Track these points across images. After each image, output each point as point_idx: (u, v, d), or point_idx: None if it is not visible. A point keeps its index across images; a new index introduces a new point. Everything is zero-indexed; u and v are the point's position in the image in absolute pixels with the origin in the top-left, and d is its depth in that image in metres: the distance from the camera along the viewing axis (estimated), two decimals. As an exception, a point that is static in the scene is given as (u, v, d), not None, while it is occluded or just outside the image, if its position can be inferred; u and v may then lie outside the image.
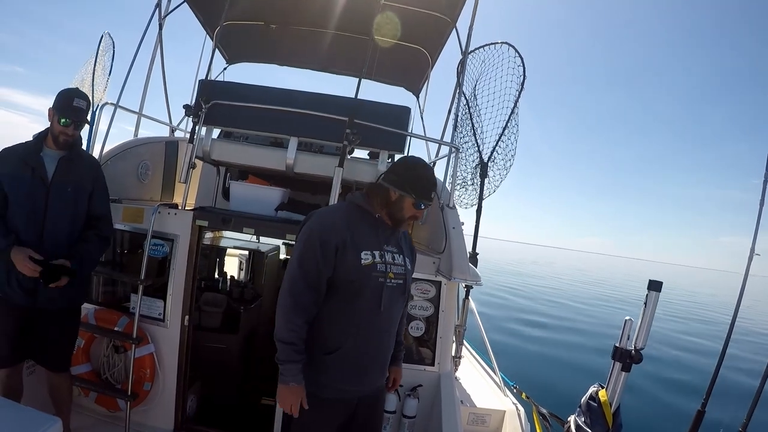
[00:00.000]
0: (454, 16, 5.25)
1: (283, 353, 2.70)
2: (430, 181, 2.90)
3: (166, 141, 5.42)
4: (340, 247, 2.74)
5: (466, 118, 4.73)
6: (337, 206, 2.98)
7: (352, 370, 2.85)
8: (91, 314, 4.16)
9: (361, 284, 2.78)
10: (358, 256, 2.77)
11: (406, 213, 2.88)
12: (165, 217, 4.15)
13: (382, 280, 2.82)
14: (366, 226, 2.88)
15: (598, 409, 3.09)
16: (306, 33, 6.31)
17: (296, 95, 4.24)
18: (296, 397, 2.70)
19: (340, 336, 2.81)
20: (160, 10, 5.20)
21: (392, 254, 2.93)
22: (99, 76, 5.14)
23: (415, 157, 3.08)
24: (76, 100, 3.46)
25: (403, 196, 2.85)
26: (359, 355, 2.85)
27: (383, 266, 2.84)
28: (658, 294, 3.02)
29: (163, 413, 4.24)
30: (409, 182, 2.85)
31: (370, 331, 2.86)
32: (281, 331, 2.71)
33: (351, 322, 2.81)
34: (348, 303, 2.81)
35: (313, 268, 2.72)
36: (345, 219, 2.84)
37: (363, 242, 2.81)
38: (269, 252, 6.40)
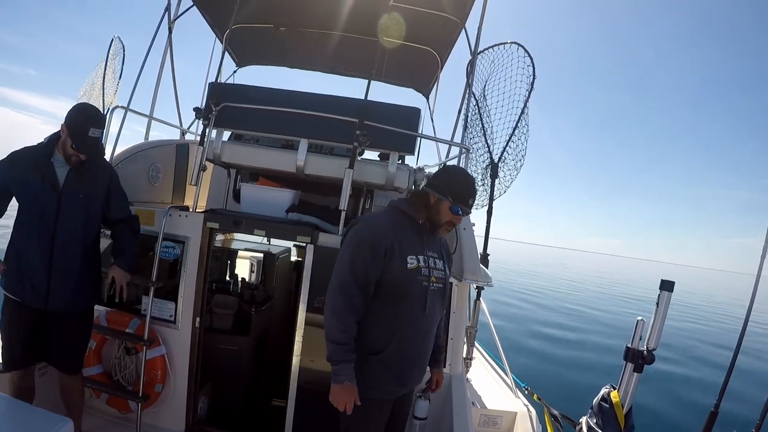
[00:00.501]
0: (463, 16, 5.24)
1: (336, 353, 2.79)
2: (468, 188, 2.98)
3: (176, 144, 5.43)
4: (389, 252, 2.82)
5: (476, 119, 4.72)
6: (383, 212, 3.05)
7: (395, 371, 2.94)
8: (102, 316, 4.17)
9: (406, 287, 2.87)
10: (405, 261, 2.86)
11: (443, 217, 2.95)
12: (176, 220, 4.16)
13: (425, 283, 2.91)
14: (410, 232, 2.96)
15: (610, 410, 3.07)
16: (315, 35, 6.32)
17: (306, 97, 4.24)
18: (350, 396, 2.78)
19: (384, 338, 2.89)
20: (169, 14, 5.23)
21: (434, 259, 3.02)
22: (109, 80, 5.16)
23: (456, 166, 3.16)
24: (92, 131, 3.38)
25: (441, 200, 2.94)
26: (403, 357, 2.94)
27: (427, 270, 2.93)
28: (671, 294, 3.00)
29: (174, 415, 4.25)
30: (447, 186, 2.94)
31: (413, 333, 2.94)
32: (334, 332, 2.79)
33: (395, 325, 2.89)
34: (393, 305, 2.89)
35: (363, 270, 2.80)
36: (391, 224, 2.92)
37: (408, 247, 2.90)
38: (280, 254, 6.39)
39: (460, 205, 2.92)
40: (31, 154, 3.45)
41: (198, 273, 4.16)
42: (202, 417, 4.56)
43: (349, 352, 2.79)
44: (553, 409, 4.21)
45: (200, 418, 4.48)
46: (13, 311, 3.51)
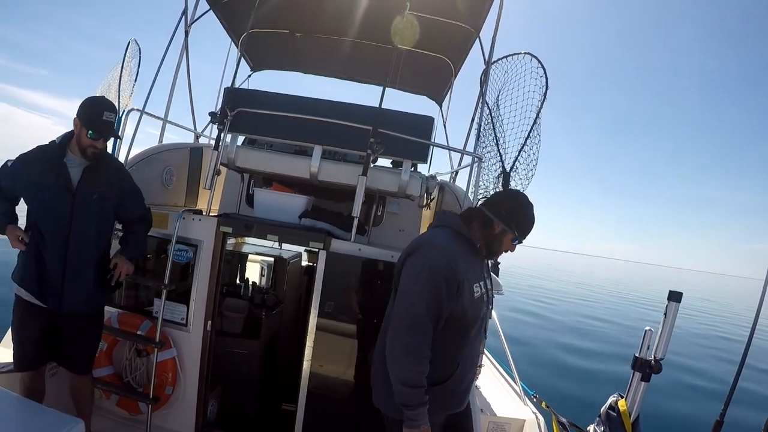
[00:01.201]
0: (477, 26, 5.27)
1: (413, 398, 2.63)
2: (533, 222, 2.96)
3: (190, 147, 5.47)
4: (461, 286, 2.72)
5: (489, 128, 4.71)
6: (445, 236, 2.87)
7: (452, 398, 2.92)
8: (114, 318, 4.21)
9: (473, 317, 2.82)
10: (472, 291, 2.80)
11: (505, 247, 2.95)
12: (189, 223, 4.19)
13: (485, 309, 2.92)
14: (472, 257, 2.90)
15: (618, 419, 3.08)
16: (330, 41, 6.35)
17: (320, 104, 4.26)
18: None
19: (448, 368, 2.83)
20: (186, 18, 5.28)
21: (487, 281, 3.01)
22: (125, 82, 5.20)
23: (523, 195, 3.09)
24: (106, 114, 3.37)
25: (506, 232, 2.89)
26: (461, 383, 2.91)
27: (486, 295, 2.93)
28: (678, 305, 3.02)
29: (184, 417, 4.27)
30: (516, 220, 2.89)
31: (471, 359, 2.95)
32: (409, 375, 2.63)
33: (458, 354, 2.85)
34: (458, 338, 2.83)
35: (437, 306, 2.67)
36: (458, 251, 2.81)
37: (473, 275, 2.84)
38: (291, 259, 6.42)
39: (522, 238, 2.94)
40: (43, 154, 3.43)
41: (210, 276, 4.19)
42: (212, 420, 4.58)
43: (425, 394, 2.64)
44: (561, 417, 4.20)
45: (210, 421, 4.50)
46: (25, 312, 3.53)
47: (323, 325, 4.01)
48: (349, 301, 4.09)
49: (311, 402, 4.05)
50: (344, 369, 4.18)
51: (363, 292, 4.10)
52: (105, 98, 3.63)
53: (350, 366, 4.15)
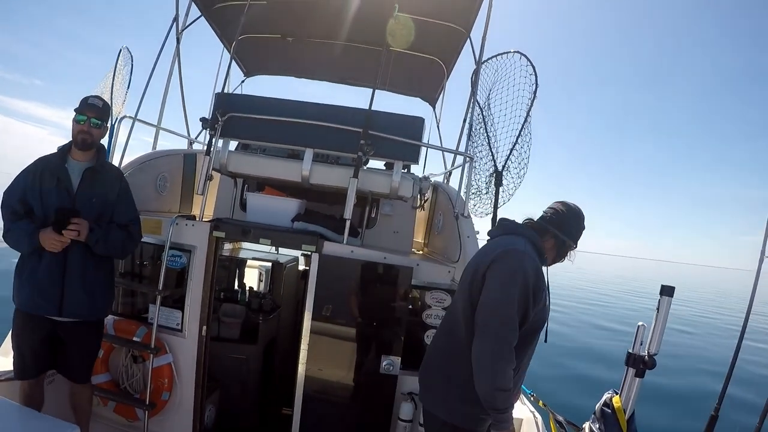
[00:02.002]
0: (468, 26, 5.28)
1: (504, 401, 2.61)
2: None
3: (184, 153, 5.48)
4: (542, 291, 2.76)
5: (481, 128, 4.73)
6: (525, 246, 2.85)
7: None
8: (110, 324, 4.21)
9: (542, 325, 2.86)
10: (546, 299, 2.83)
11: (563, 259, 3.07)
12: (183, 229, 4.20)
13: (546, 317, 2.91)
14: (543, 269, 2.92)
15: (612, 415, 3.07)
16: (322, 45, 6.37)
17: (311, 107, 4.27)
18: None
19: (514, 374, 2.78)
20: (177, 24, 5.29)
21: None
22: (118, 90, 5.22)
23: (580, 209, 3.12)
24: (91, 99, 3.54)
25: (570, 245, 3.02)
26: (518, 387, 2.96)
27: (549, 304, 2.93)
28: (671, 299, 3.01)
29: (181, 423, 4.27)
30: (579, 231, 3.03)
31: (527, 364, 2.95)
32: (501, 379, 2.58)
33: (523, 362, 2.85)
34: (527, 344, 2.83)
35: (523, 311, 2.67)
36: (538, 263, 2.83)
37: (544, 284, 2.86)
38: (288, 263, 6.42)
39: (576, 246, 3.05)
40: (46, 162, 3.52)
41: (204, 282, 4.19)
42: (209, 425, 4.59)
43: (510, 398, 2.64)
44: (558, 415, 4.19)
45: (207, 427, 4.51)
46: (25, 321, 3.54)
47: (320, 329, 4.02)
48: (344, 303, 4.09)
49: (309, 406, 4.05)
50: (342, 372, 4.17)
51: (357, 294, 4.10)
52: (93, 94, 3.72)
53: (348, 369, 4.15)
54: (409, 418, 3.92)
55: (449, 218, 4.51)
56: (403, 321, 3.99)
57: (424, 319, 4.08)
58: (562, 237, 2.92)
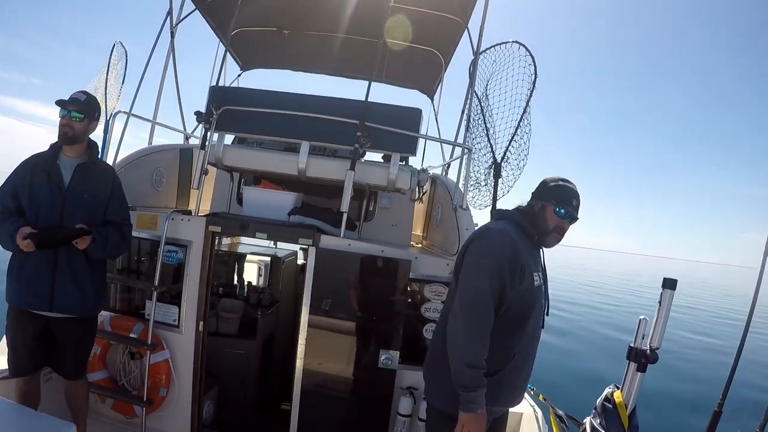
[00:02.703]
0: (465, 17, 5.22)
1: (473, 380, 2.61)
2: (572, 189, 2.89)
3: (180, 148, 5.45)
4: (522, 268, 2.72)
5: (479, 119, 4.68)
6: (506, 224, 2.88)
7: (507, 391, 2.86)
8: (106, 321, 4.20)
9: (531, 306, 2.80)
10: (532, 277, 2.78)
11: (550, 223, 2.86)
12: (178, 224, 4.17)
13: (542, 301, 2.89)
14: (530, 248, 2.88)
15: (614, 410, 3.04)
16: (319, 38, 6.32)
17: (307, 99, 4.23)
18: (482, 426, 2.63)
19: (502, 359, 2.78)
20: (171, 18, 5.23)
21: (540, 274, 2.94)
22: (112, 85, 5.18)
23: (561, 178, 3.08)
24: (75, 93, 3.54)
25: (545, 206, 2.87)
26: (517, 376, 2.86)
27: (542, 287, 2.90)
28: (673, 292, 2.97)
29: (179, 419, 4.26)
30: (548, 191, 2.89)
31: (528, 352, 2.88)
32: (471, 356, 2.61)
33: (515, 345, 2.80)
34: (517, 325, 2.79)
35: (499, 286, 2.66)
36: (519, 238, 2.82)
37: (533, 264, 2.83)
38: (286, 257, 6.39)
39: (564, 205, 2.84)
40: (37, 158, 3.53)
41: (201, 277, 4.16)
42: (208, 421, 4.57)
43: (483, 377, 2.62)
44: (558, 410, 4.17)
45: (205, 423, 4.49)
46: (18, 318, 3.53)
47: (318, 323, 3.99)
48: (342, 297, 4.06)
49: (307, 400, 4.02)
50: (341, 367, 4.15)
51: (355, 288, 4.07)
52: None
53: (346, 363, 4.12)
54: (408, 413, 3.90)
55: (448, 211, 4.48)
56: (401, 315, 3.97)
57: (422, 312, 4.05)
58: (540, 202, 2.89)
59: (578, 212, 2.89)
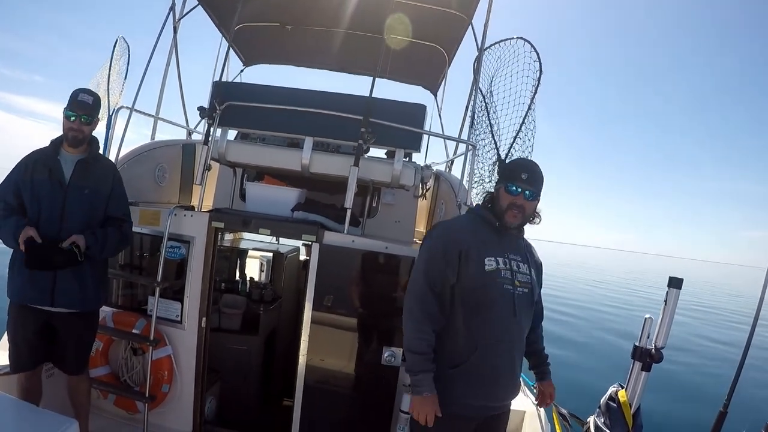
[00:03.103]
0: (469, 12, 5.20)
1: (415, 364, 2.73)
2: (517, 164, 2.92)
3: (182, 143, 5.44)
4: (463, 254, 2.74)
5: (483, 116, 4.66)
6: (461, 216, 3.05)
7: (478, 384, 2.81)
8: (109, 317, 4.19)
9: (487, 292, 2.76)
10: (482, 263, 2.75)
11: (503, 202, 2.83)
12: (181, 220, 4.15)
13: (509, 287, 2.78)
14: (489, 233, 2.87)
15: (618, 409, 3.04)
16: (322, 33, 6.29)
17: (311, 95, 4.22)
18: (431, 408, 2.69)
19: (466, 348, 2.78)
20: (174, 13, 5.22)
21: (517, 262, 2.88)
22: (114, 81, 5.15)
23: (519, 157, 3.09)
24: (81, 95, 3.51)
25: (499, 188, 2.88)
26: (487, 367, 2.80)
27: (509, 273, 2.80)
28: (679, 291, 2.96)
29: (182, 415, 4.25)
30: (501, 173, 2.97)
31: (497, 342, 2.80)
32: (412, 342, 2.74)
33: (478, 334, 2.77)
34: (476, 313, 2.78)
35: (437, 275, 2.76)
36: (467, 227, 2.88)
37: (486, 249, 2.80)
38: (288, 253, 6.39)
39: (512, 181, 2.81)
40: (39, 154, 3.54)
41: (204, 273, 4.15)
42: (210, 417, 4.56)
43: (428, 362, 2.72)
44: (561, 408, 4.16)
45: (208, 419, 4.48)
46: (19, 313, 3.53)
47: (321, 319, 3.98)
48: (345, 293, 4.05)
49: (310, 396, 4.02)
50: (343, 363, 4.14)
51: (359, 284, 4.06)
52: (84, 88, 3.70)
53: (349, 360, 4.11)
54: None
55: (451, 207, 4.46)
56: None
57: None
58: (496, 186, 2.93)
59: (535, 184, 2.83)
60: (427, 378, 2.70)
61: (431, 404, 2.68)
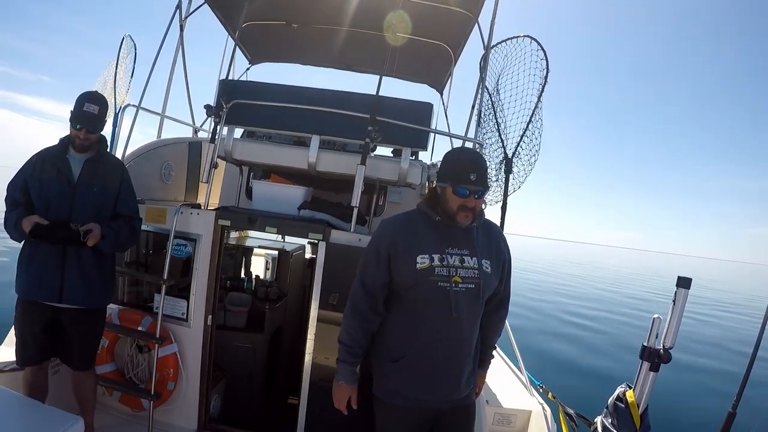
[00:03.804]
0: (476, 10, 5.18)
1: (340, 353, 2.87)
2: (463, 162, 2.71)
3: (189, 141, 5.44)
4: (392, 253, 2.73)
5: (490, 114, 4.66)
6: (403, 213, 2.96)
7: (418, 378, 2.79)
8: (115, 314, 4.19)
9: (420, 289, 2.70)
10: (413, 261, 2.69)
11: (452, 204, 2.68)
12: (187, 217, 4.16)
13: (443, 284, 2.68)
14: (426, 230, 2.78)
15: (626, 410, 3.02)
16: (328, 31, 6.28)
17: (317, 93, 4.22)
18: (343, 395, 2.87)
19: (404, 343, 2.78)
20: (180, 12, 5.22)
21: (459, 257, 2.74)
22: (121, 79, 5.18)
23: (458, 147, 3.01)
24: (87, 105, 3.47)
25: (444, 188, 2.71)
26: (425, 363, 2.77)
27: (444, 270, 2.70)
28: (688, 291, 2.94)
29: (187, 413, 4.25)
30: (444, 170, 2.75)
31: (435, 339, 2.74)
32: (340, 334, 2.86)
33: (415, 329, 2.76)
34: (411, 310, 2.77)
35: (368, 275, 2.79)
36: (403, 225, 2.83)
37: (420, 246, 2.72)
38: (294, 251, 6.39)
39: (460, 185, 2.63)
40: (47, 153, 3.56)
41: (210, 271, 4.15)
42: (215, 415, 4.56)
43: (347, 354, 2.83)
44: (568, 408, 4.15)
45: (213, 416, 4.48)
46: (26, 308, 3.55)
47: (327, 317, 3.97)
48: None
49: (315, 395, 4.01)
50: None
51: None
52: (92, 91, 3.68)
53: None
54: None
55: None
56: None
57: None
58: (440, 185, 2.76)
59: (483, 182, 2.67)
60: (344, 368, 2.85)
61: (344, 393, 2.87)
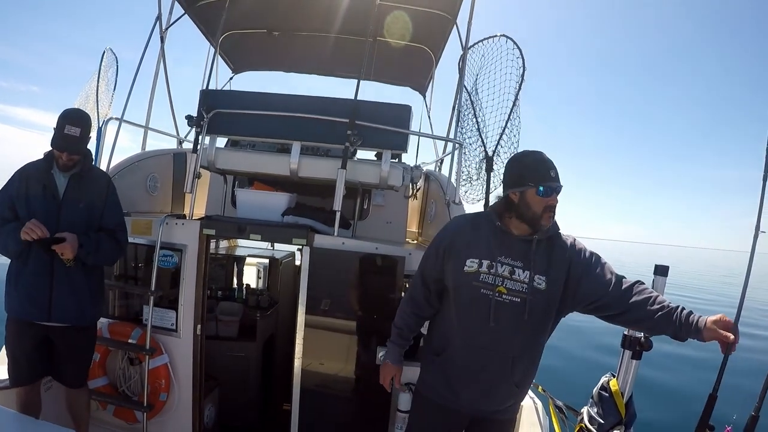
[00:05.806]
0: (453, 12, 5.22)
1: (391, 334, 3.08)
2: (541, 161, 2.66)
3: (173, 153, 5.45)
4: (447, 251, 2.79)
5: (469, 114, 4.70)
6: (473, 213, 3.09)
7: (447, 377, 2.82)
8: (105, 327, 4.20)
9: (463, 292, 2.72)
10: (462, 263, 2.70)
11: (536, 207, 2.61)
12: (173, 228, 4.17)
13: (486, 291, 2.64)
14: (484, 234, 2.73)
15: (610, 399, 3.06)
16: (309, 38, 6.32)
17: (297, 99, 4.23)
18: (389, 373, 3.05)
19: (443, 339, 2.85)
20: (161, 23, 5.23)
21: (510, 267, 2.67)
22: (103, 92, 5.18)
23: (520, 152, 2.95)
24: (68, 128, 3.40)
25: (524, 192, 2.63)
26: (457, 365, 2.77)
27: (490, 278, 2.65)
28: (665, 279, 2.99)
29: (181, 423, 4.26)
30: (518, 176, 2.68)
31: (470, 344, 2.72)
32: (396, 317, 3.06)
33: (456, 329, 2.78)
34: (456, 309, 2.78)
35: (427, 267, 2.90)
36: (466, 225, 2.84)
37: (473, 250, 2.71)
38: (284, 258, 6.41)
39: (542, 183, 2.57)
40: (32, 168, 3.53)
41: (197, 280, 4.16)
42: (210, 424, 4.58)
43: (397, 336, 3.04)
44: (557, 401, 4.18)
45: (207, 426, 4.50)
46: (17, 328, 3.54)
47: (315, 322, 3.99)
48: (338, 295, 4.08)
49: (307, 400, 4.03)
50: (339, 365, 4.16)
51: (351, 286, 4.08)
52: (72, 111, 3.61)
53: (345, 361, 4.13)
54: (408, 409, 3.90)
55: (441, 206, 4.49)
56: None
57: None
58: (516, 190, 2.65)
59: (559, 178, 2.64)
60: (392, 348, 3.06)
61: (389, 371, 3.05)
